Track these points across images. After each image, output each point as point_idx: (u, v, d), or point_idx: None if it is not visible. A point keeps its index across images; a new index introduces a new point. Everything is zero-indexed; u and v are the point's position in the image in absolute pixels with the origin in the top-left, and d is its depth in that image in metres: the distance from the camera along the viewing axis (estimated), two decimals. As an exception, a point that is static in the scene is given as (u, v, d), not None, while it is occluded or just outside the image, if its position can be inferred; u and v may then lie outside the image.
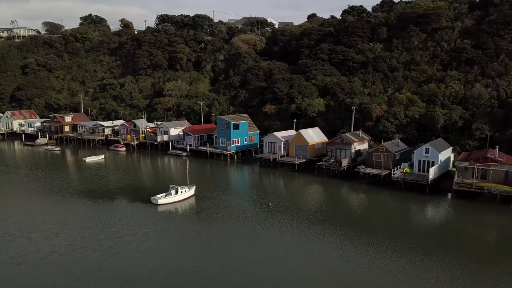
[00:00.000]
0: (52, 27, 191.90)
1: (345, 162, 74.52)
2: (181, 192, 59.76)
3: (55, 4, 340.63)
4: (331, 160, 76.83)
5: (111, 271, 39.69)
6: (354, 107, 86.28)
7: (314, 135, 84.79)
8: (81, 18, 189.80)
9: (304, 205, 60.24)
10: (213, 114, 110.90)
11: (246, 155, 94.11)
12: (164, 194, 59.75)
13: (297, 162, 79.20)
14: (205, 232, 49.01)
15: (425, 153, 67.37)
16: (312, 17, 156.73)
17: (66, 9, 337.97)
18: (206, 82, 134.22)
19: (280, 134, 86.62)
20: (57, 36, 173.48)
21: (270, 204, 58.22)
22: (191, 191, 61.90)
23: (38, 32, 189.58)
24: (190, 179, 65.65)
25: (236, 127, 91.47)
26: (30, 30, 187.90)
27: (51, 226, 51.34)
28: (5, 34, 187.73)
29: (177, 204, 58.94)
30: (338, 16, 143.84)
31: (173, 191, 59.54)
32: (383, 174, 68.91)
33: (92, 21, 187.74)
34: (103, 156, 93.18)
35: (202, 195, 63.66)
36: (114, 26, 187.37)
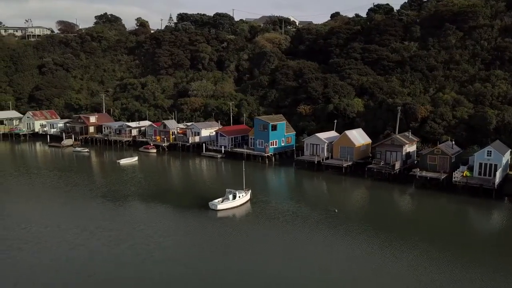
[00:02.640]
0: (66, 26, 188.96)
1: (397, 165, 71.33)
2: (239, 196, 56.57)
3: (54, 4, 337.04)
4: (381, 163, 73.67)
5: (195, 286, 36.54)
6: (399, 108, 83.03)
7: (358, 137, 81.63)
8: (96, 17, 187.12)
9: (369, 211, 57.30)
10: (244, 115, 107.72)
11: (283, 157, 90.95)
12: (221, 199, 56.51)
13: (345, 165, 75.97)
14: (278, 241, 45.76)
15: (487, 155, 64.18)
16: (335, 15, 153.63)
17: (65, 9, 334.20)
18: (230, 82, 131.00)
19: (322, 136, 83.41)
20: (73, 35, 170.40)
21: (335, 210, 54.97)
22: (247, 195, 58.73)
23: (52, 31, 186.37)
24: (233, 182, 62.73)
25: (274, 128, 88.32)
26: (45, 29, 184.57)
27: (108, 233, 48.23)
28: (19, 33, 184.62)
29: (235, 209, 55.76)
30: (363, 15, 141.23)
31: (230, 196, 56.33)
32: (442, 177, 65.73)
33: (107, 20, 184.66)
34: (136, 158, 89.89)
35: (256, 199, 60.52)
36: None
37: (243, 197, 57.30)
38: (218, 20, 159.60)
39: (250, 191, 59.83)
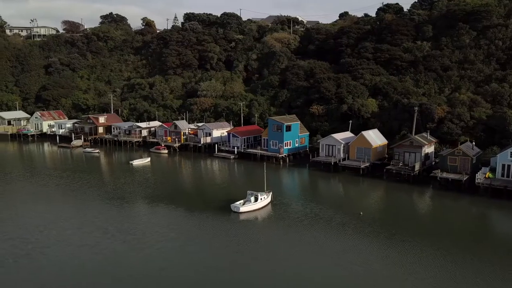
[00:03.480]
0: (72, 26, 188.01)
1: (417, 166, 70.27)
2: (261, 199, 55.51)
3: (53, 3, 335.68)
4: (400, 164, 72.60)
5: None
6: (416, 108, 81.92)
7: (375, 137, 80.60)
8: (101, 17, 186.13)
9: (394, 214, 56.17)
10: (255, 115, 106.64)
11: (297, 158, 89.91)
12: (242, 201, 55.45)
13: (362, 166, 74.93)
14: (305, 245, 44.71)
15: (510, 156, 63.18)
16: (344, 15, 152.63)
17: (65, 9, 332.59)
18: (239, 82, 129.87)
19: (338, 136, 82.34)
20: (79, 35, 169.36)
21: (360, 213, 53.89)
22: (269, 197, 57.67)
23: (57, 31, 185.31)
24: (249, 183, 61.60)
25: (288, 128, 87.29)
26: (50, 29, 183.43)
27: (131, 236, 47.26)
28: (24, 33, 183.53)
29: (257, 212, 54.68)
30: (373, 14, 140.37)
31: (252, 198, 55.28)
32: (464, 179, 64.66)
33: (113, 20, 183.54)
34: (149, 159, 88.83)
35: (276, 201, 59.44)
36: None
37: (264, 199, 56.27)
38: (225, 19, 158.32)
39: (271, 193, 58.76)
